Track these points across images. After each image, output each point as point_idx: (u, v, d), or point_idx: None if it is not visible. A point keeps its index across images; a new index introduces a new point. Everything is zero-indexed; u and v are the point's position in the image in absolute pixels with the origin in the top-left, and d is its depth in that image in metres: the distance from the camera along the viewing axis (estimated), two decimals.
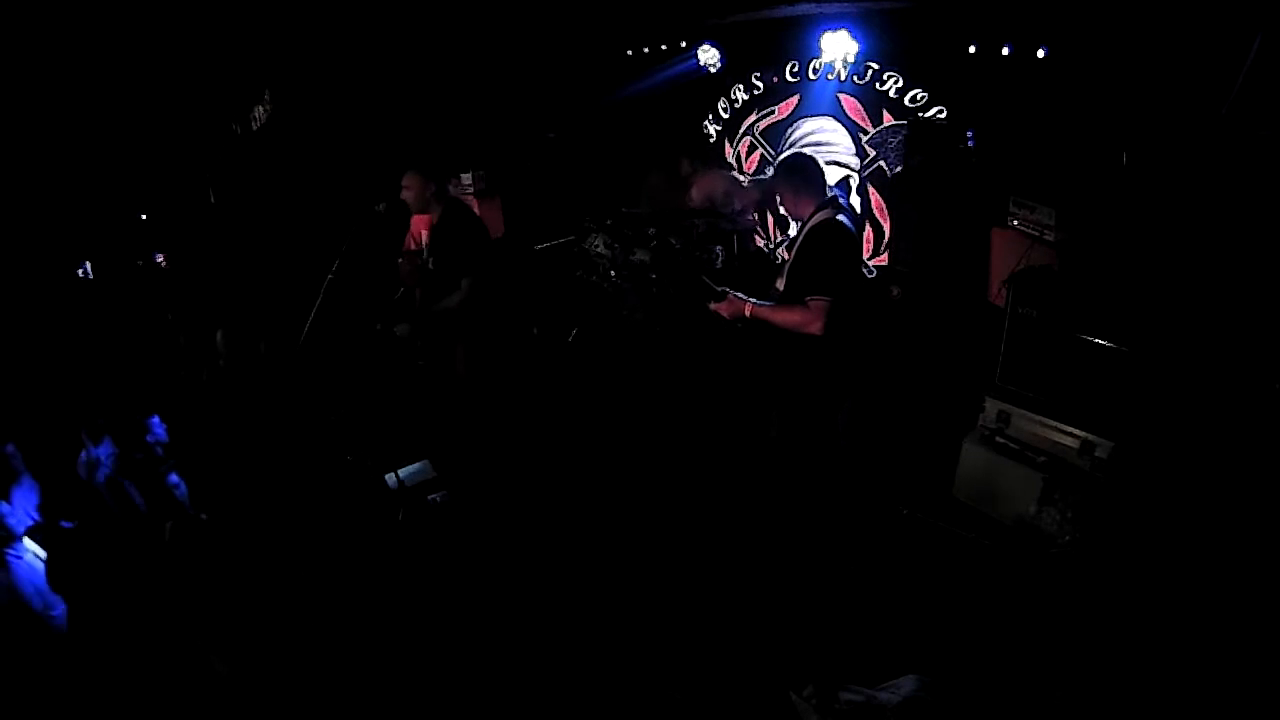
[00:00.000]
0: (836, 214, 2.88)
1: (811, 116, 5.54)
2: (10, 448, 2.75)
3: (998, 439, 3.42)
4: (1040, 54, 4.09)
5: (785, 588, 2.98)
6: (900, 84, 4.95)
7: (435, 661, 2.64)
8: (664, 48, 5.97)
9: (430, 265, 3.58)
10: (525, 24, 5.49)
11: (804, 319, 2.80)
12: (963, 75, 4.53)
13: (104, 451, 3.10)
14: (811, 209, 2.94)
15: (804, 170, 2.98)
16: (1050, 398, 3.29)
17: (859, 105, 5.24)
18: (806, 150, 5.62)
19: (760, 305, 2.93)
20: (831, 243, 2.85)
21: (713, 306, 3.06)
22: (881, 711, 2.17)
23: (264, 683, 2.34)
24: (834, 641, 2.69)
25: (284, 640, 2.57)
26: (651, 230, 5.51)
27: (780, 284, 3.03)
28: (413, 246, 3.79)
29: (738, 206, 5.50)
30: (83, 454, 3.09)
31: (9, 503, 2.68)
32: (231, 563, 2.86)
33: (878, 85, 5.06)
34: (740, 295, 2.98)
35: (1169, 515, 2.76)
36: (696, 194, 5.66)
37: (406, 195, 3.47)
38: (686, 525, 3.38)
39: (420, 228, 3.73)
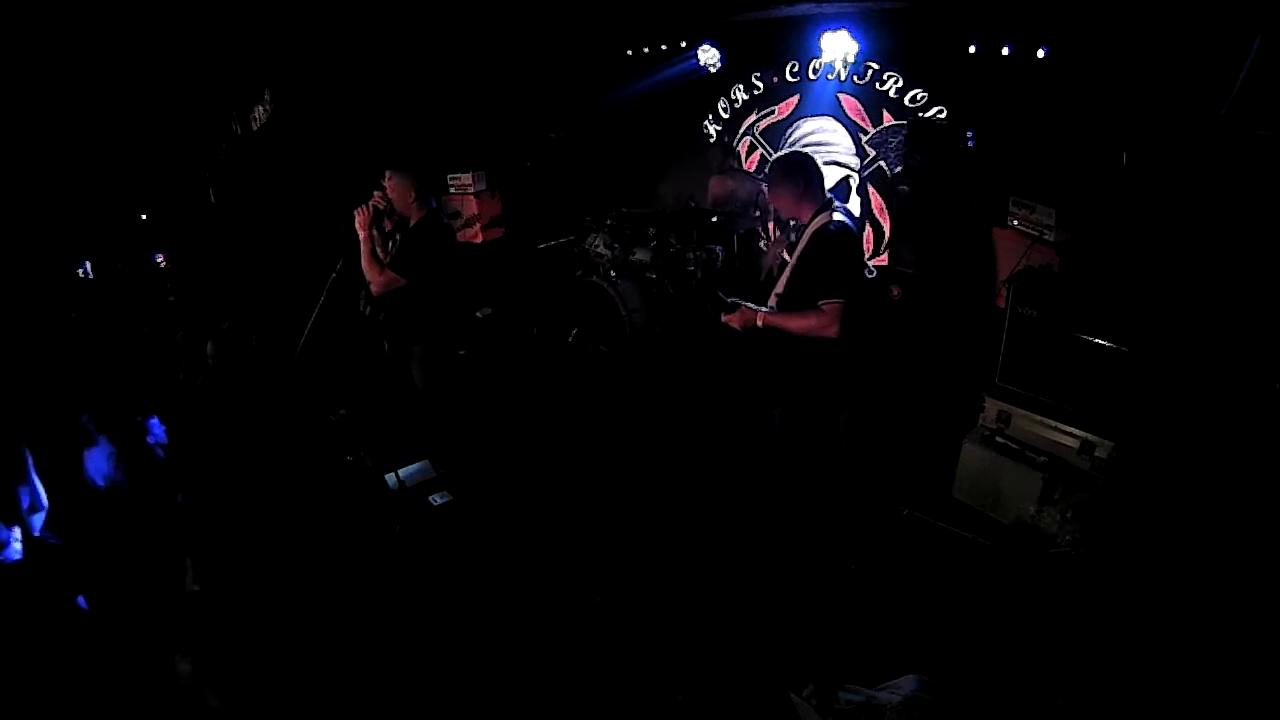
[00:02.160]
0: (836, 214, 2.87)
1: (811, 116, 5.55)
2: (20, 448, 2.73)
3: (998, 439, 3.42)
4: (1040, 54, 4.09)
5: (785, 587, 2.98)
6: (900, 84, 4.95)
7: (436, 662, 2.64)
8: (664, 48, 5.98)
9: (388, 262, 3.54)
10: (525, 24, 5.49)
11: (820, 323, 2.79)
12: (963, 75, 4.54)
13: (102, 451, 3.07)
14: (813, 210, 2.92)
15: (804, 170, 2.94)
16: (1050, 398, 3.29)
17: (859, 105, 5.24)
18: (807, 150, 5.64)
19: (772, 313, 2.92)
20: (839, 245, 2.84)
21: (724, 318, 3.04)
22: (881, 711, 2.17)
23: (257, 708, 2.34)
24: (834, 641, 2.69)
25: (280, 659, 2.57)
26: (651, 230, 5.52)
27: (780, 288, 3.01)
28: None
29: (756, 213, 5.53)
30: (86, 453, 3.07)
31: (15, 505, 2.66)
32: (229, 568, 2.86)
33: (878, 85, 5.06)
34: (751, 305, 2.97)
35: (1169, 515, 2.76)
36: (716, 189, 5.67)
37: (390, 195, 3.40)
38: (687, 525, 3.38)
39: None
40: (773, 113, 5.79)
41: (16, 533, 2.52)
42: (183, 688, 2.25)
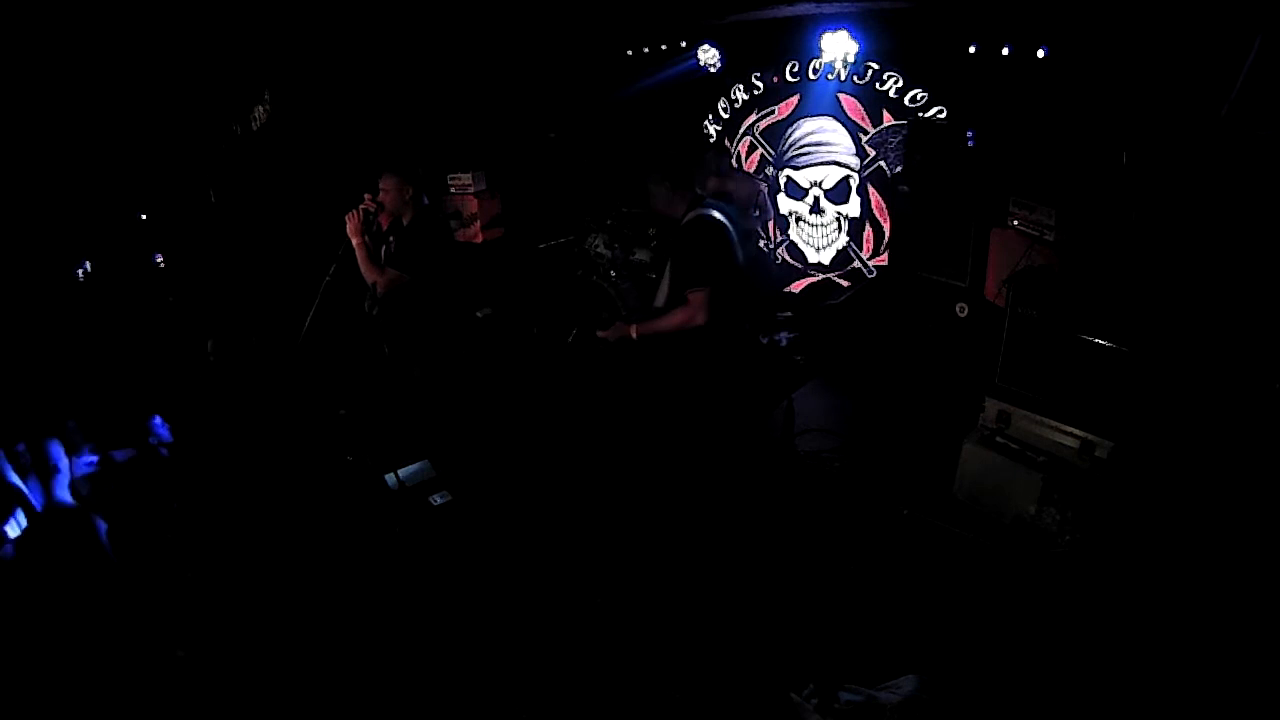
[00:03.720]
0: (706, 210, 2.98)
1: (811, 116, 5.55)
2: (20, 447, 2.73)
3: (998, 439, 3.42)
4: (1040, 54, 4.09)
5: (785, 588, 2.98)
6: (900, 84, 4.95)
7: (435, 662, 2.64)
8: (664, 48, 5.97)
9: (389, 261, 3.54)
10: (525, 24, 5.49)
11: (687, 315, 2.85)
12: (963, 75, 4.54)
13: (83, 461, 2.94)
14: (685, 207, 3.02)
15: (675, 167, 3.04)
16: (1050, 398, 3.29)
17: (859, 105, 5.24)
18: (806, 150, 5.65)
19: (644, 323, 3.01)
20: (704, 235, 2.92)
21: (599, 334, 3.13)
22: (881, 711, 2.17)
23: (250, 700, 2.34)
24: (834, 641, 2.69)
25: (276, 654, 2.57)
26: (651, 230, 5.53)
27: (659, 299, 3.08)
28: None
29: (755, 213, 5.53)
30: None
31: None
32: (226, 566, 2.86)
33: (878, 85, 5.06)
34: (622, 322, 3.09)
35: (1169, 515, 2.76)
36: (713, 188, 5.66)
37: (384, 198, 3.42)
38: (687, 525, 3.38)
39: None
40: (773, 113, 5.79)
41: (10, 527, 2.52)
42: (178, 675, 2.25)
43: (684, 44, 5.85)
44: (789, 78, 5.56)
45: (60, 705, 2.25)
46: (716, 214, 2.98)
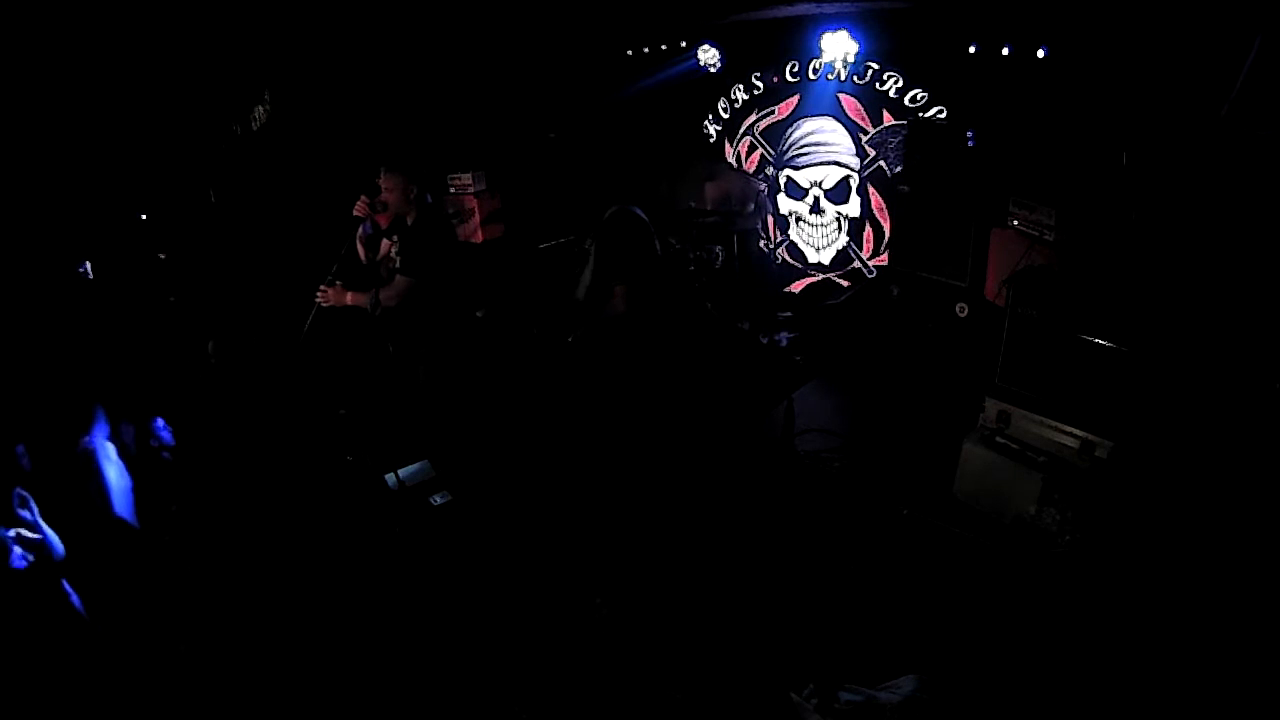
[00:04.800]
0: (631, 206, 3.27)
1: (811, 116, 5.55)
2: (20, 448, 2.72)
3: (998, 439, 3.42)
4: (1040, 54, 4.09)
5: (785, 588, 2.98)
6: (900, 84, 4.95)
7: (435, 662, 2.64)
8: (664, 48, 5.97)
9: (397, 266, 3.54)
10: (526, 24, 5.49)
11: (614, 306, 3.20)
12: (963, 75, 4.53)
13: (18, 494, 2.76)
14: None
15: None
16: (1050, 398, 3.29)
17: (859, 105, 5.24)
18: (806, 150, 5.64)
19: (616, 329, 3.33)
20: (622, 230, 3.23)
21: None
22: (881, 711, 2.18)
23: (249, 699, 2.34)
24: (834, 641, 2.69)
25: (276, 652, 2.57)
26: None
27: (581, 290, 3.41)
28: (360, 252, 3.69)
29: (751, 208, 5.54)
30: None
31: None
32: (226, 566, 2.87)
33: (878, 85, 5.06)
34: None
35: (1169, 515, 2.76)
36: (712, 193, 5.69)
37: (387, 197, 3.40)
38: (687, 526, 3.38)
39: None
40: (773, 113, 5.79)
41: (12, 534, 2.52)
42: (179, 673, 2.26)
43: (684, 44, 5.84)
44: (789, 78, 5.56)
45: (62, 703, 2.25)
46: (637, 210, 3.30)
